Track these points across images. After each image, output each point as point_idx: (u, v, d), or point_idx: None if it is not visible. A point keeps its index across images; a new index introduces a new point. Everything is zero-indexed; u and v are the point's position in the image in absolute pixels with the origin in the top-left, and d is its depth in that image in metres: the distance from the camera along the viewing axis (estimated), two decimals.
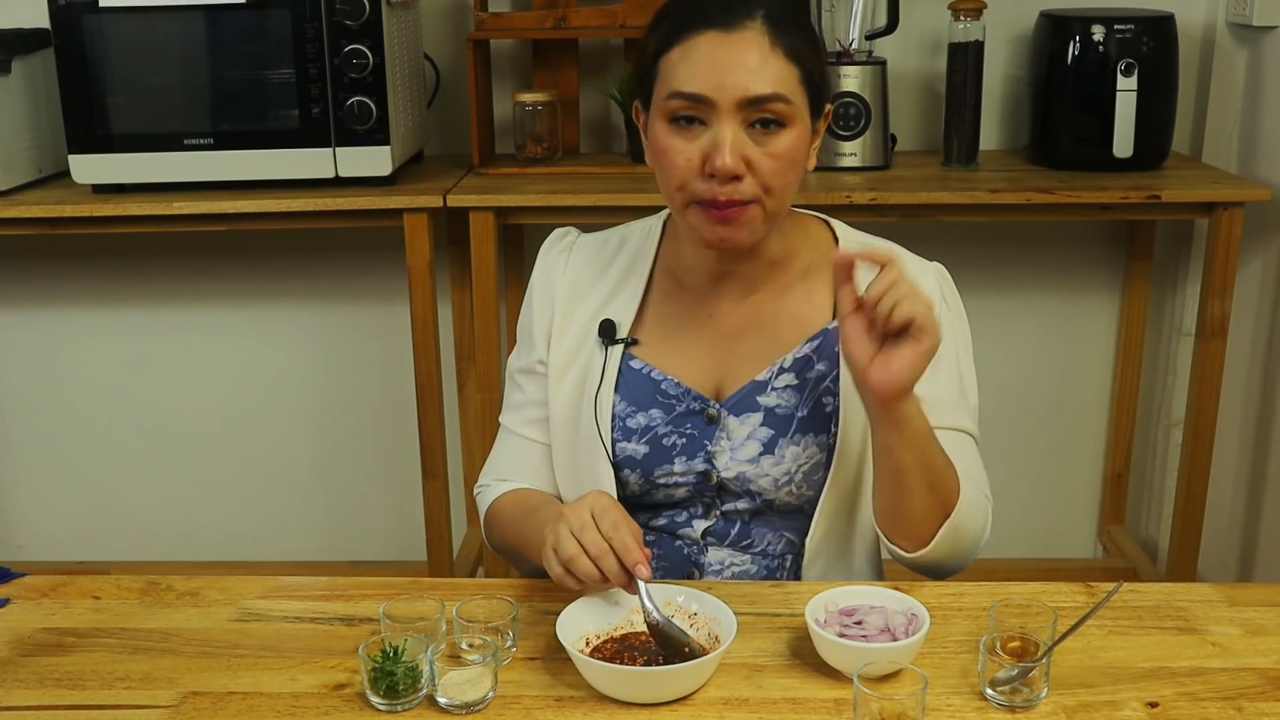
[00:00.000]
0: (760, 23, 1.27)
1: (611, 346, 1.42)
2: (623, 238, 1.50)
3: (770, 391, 1.39)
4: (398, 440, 2.78)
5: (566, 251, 1.50)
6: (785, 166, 1.29)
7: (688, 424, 1.40)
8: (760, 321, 1.42)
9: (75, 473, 2.90)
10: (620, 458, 1.40)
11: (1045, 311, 2.76)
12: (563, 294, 1.47)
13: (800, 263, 1.43)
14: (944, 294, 1.43)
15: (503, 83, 2.65)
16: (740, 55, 1.26)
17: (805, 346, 1.40)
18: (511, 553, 1.46)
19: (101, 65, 2.28)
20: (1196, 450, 2.43)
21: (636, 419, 1.41)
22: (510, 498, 1.46)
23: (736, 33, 1.27)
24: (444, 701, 1.13)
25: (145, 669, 1.21)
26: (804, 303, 1.42)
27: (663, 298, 1.45)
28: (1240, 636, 1.24)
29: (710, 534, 1.42)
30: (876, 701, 1.05)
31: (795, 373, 1.39)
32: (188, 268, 2.75)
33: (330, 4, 2.23)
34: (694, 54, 1.28)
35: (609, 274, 1.47)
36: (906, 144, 2.67)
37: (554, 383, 1.45)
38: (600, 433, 1.40)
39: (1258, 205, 2.35)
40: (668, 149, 1.31)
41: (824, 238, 1.46)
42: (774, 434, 1.38)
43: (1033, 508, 2.85)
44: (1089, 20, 2.40)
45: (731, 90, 1.26)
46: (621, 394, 1.41)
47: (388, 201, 2.31)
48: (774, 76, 1.27)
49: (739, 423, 1.39)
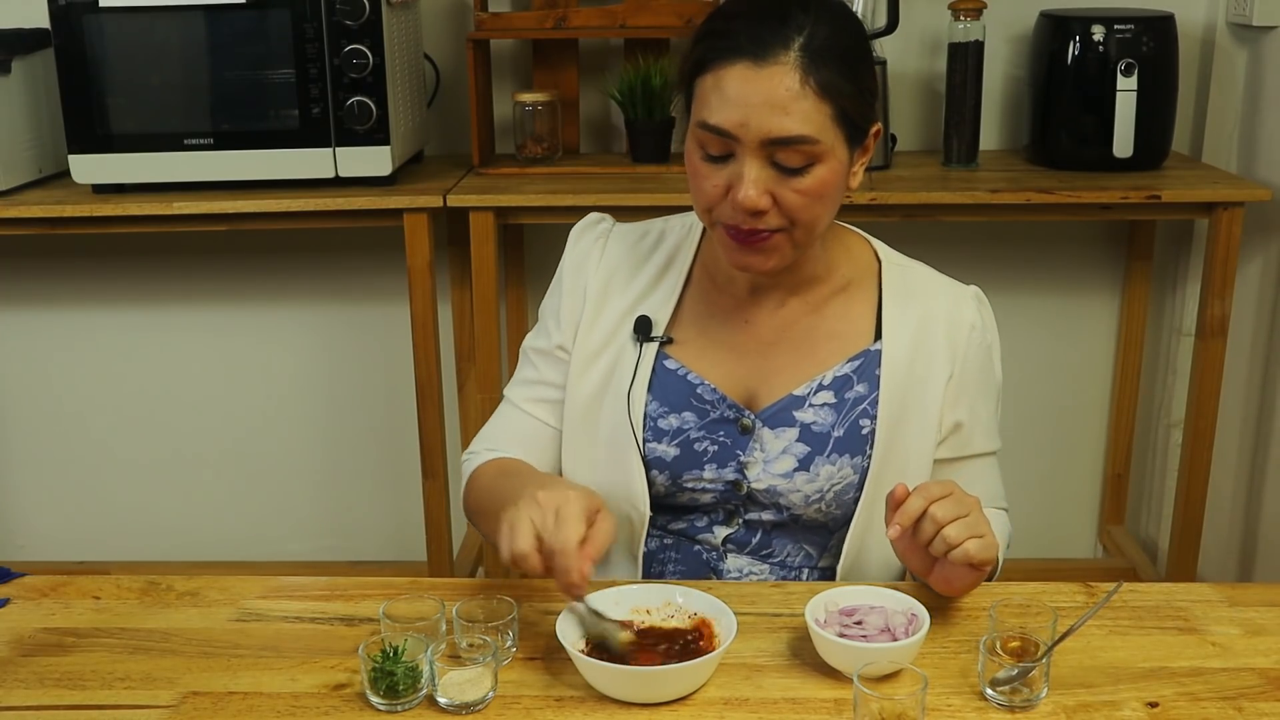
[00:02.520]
0: (795, 55, 1.22)
1: (646, 344, 1.41)
2: (662, 232, 1.48)
3: (808, 408, 1.38)
4: (397, 440, 2.78)
5: (603, 239, 1.48)
6: (812, 201, 1.27)
7: (721, 431, 1.39)
8: (796, 334, 1.41)
9: (75, 472, 2.90)
10: (649, 458, 1.39)
11: (1045, 311, 2.76)
12: (596, 284, 1.45)
13: (839, 278, 1.42)
14: (983, 320, 1.43)
15: (503, 83, 2.65)
16: (769, 92, 1.22)
17: (846, 366, 1.39)
18: (480, 514, 1.42)
19: (101, 65, 2.28)
20: (1196, 450, 2.43)
21: (669, 420, 1.39)
22: (495, 463, 1.44)
23: (768, 68, 1.22)
24: (444, 702, 1.13)
25: (145, 669, 1.20)
26: (842, 319, 1.41)
27: (700, 298, 1.44)
28: (1240, 636, 1.24)
29: (731, 541, 1.41)
30: (876, 701, 1.05)
31: (834, 391, 1.39)
32: (187, 268, 2.75)
33: (330, 4, 2.23)
34: (724, 85, 1.24)
35: (646, 268, 1.45)
36: (906, 144, 2.67)
37: (578, 373, 1.43)
38: (634, 431, 1.39)
39: (1258, 205, 2.35)
40: (696, 172, 1.30)
41: (864, 254, 1.45)
42: (810, 451, 1.37)
43: (1033, 508, 2.84)
44: (1089, 20, 2.40)
45: (755, 130, 1.23)
46: (654, 393, 1.40)
47: (388, 201, 2.31)
48: (802, 116, 1.23)
49: (774, 436, 1.38)
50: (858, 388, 1.39)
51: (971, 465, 1.43)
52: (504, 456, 1.46)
